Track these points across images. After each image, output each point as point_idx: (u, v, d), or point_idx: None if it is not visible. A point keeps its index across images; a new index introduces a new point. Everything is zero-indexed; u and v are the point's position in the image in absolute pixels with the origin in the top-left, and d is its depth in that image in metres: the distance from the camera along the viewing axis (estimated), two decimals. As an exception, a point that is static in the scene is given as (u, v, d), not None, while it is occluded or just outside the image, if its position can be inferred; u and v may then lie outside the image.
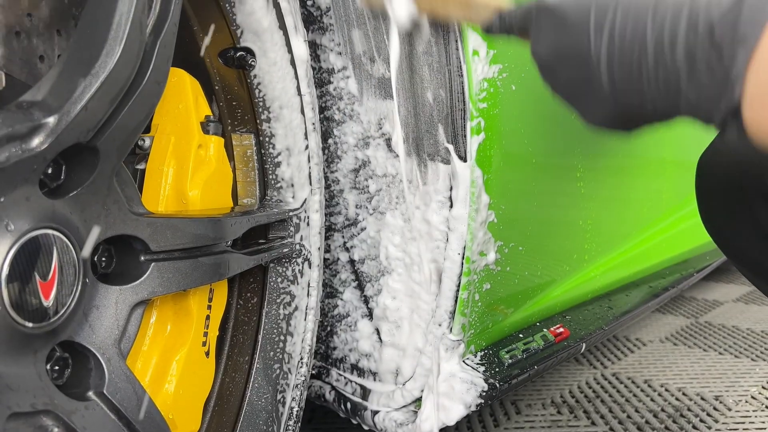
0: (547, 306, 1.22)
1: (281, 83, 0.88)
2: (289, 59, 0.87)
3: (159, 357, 0.78)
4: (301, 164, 0.92)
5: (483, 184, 0.93)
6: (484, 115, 0.91)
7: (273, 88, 0.87)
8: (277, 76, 0.87)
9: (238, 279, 0.93)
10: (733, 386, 1.60)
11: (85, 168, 0.61)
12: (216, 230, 0.78)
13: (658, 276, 1.72)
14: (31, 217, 0.56)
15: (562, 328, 1.18)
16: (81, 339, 0.64)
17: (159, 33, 0.63)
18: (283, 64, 0.87)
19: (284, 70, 0.87)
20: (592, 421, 1.40)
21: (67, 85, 0.57)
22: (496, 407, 1.47)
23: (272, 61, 0.86)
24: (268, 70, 0.86)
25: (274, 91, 0.88)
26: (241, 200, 0.92)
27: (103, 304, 0.66)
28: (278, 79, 0.87)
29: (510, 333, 1.13)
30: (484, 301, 1.01)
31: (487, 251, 0.98)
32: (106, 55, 0.58)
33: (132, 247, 0.69)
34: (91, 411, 0.62)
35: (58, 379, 0.62)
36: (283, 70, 0.87)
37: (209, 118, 0.84)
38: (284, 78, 0.88)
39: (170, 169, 0.79)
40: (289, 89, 0.89)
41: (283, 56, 0.86)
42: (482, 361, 1.01)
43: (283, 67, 0.87)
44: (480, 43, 0.89)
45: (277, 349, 0.93)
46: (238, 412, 0.89)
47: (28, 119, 0.54)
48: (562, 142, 1.17)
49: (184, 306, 0.80)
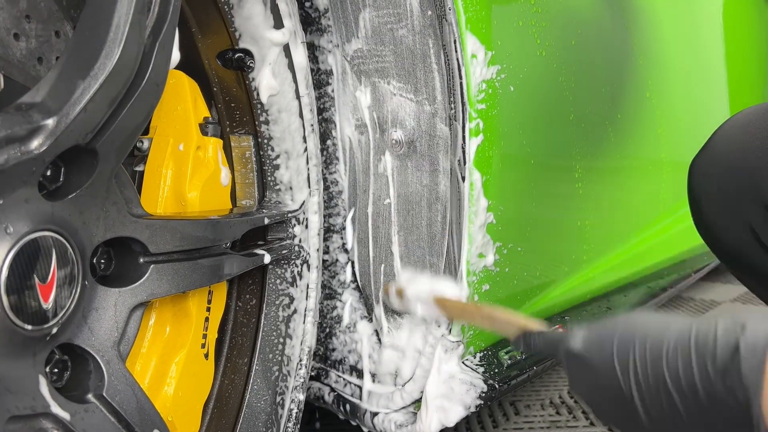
0: (546, 306, 1.22)
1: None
2: (287, 63, 0.87)
3: (158, 359, 0.78)
4: (299, 168, 0.92)
5: (482, 187, 0.93)
6: (482, 116, 0.91)
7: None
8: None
9: (236, 281, 0.93)
10: (732, 386, 1.60)
11: (84, 170, 0.60)
12: (215, 232, 0.77)
13: (657, 276, 1.72)
14: (30, 219, 0.56)
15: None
16: (80, 341, 0.63)
17: (158, 34, 0.63)
18: (281, 69, 0.87)
19: (283, 75, 0.87)
20: (591, 422, 1.40)
21: (66, 86, 0.56)
22: (495, 408, 1.47)
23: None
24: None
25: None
26: (239, 202, 0.92)
27: (102, 306, 0.66)
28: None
29: (509, 334, 1.13)
30: (484, 302, 1.01)
31: (486, 253, 0.98)
32: (105, 56, 0.58)
33: (131, 249, 0.69)
34: (90, 413, 0.61)
35: (58, 381, 0.62)
36: (281, 75, 0.87)
37: (208, 120, 0.84)
38: (283, 82, 0.88)
39: (169, 171, 0.79)
40: (287, 93, 0.89)
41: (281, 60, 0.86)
42: (481, 362, 1.01)
43: (282, 71, 0.87)
44: (478, 46, 0.89)
45: (276, 351, 0.93)
46: (238, 414, 0.89)
47: (27, 121, 0.54)
48: (561, 144, 1.17)
49: (183, 308, 0.80)
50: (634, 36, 1.39)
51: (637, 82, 1.42)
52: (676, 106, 1.64)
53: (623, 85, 1.36)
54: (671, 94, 1.60)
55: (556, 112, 1.13)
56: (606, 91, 1.29)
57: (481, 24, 0.90)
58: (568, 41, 1.14)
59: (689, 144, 1.45)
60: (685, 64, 1.71)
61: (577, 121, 1.19)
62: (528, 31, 1.02)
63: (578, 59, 1.17)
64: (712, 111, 1.93)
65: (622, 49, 1.36)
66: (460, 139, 0.90)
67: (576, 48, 1.16)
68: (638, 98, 1.43)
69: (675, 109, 1.63)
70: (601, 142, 1.28)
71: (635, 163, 1.48)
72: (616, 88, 1.33)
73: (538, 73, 1.06)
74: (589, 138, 1.24)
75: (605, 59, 1.29)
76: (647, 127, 1.48)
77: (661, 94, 1.53)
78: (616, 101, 1.33)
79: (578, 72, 1.17)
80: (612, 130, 1.32)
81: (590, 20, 1.23)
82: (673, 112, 1.62)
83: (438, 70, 0.90)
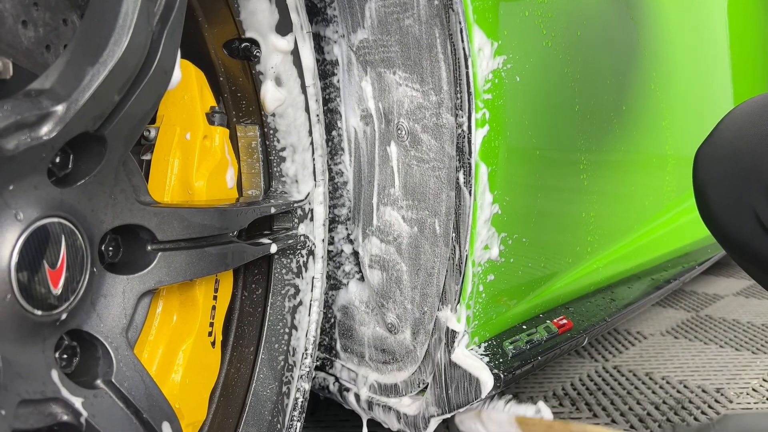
0: (550, 297, 1.22)
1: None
2: (293, 60, 0.88)
3: (165, 347, 0.78)
4: (305, 161, 0.92)
5: (487, 180, 0.93)
6: (488, 106, 0.91)
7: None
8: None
9: (242, 270, 0.93)
10: (734, 379, 1.61)
11: (92, 157, 0.61)
12: (222, 220, 0.78)
13: (660, 269, 1.72)
14: (40, 205, 0.56)
15: (565, 319, 1.19)
16: (89, 328, 0.64)
17: (166, 22, 0.63)
18: (287, 67, 0.87)
19: (288, 72, 0.88)
20: (594, 414, 1.40)
21: (75, 73, 0.57)
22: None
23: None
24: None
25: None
26: (245, 191, 0.92)
27: (110, 293, 0.66)
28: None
29: (513, 324, 1.13)
30: (488, 293, 1.01)
31: (491, 245, 0.99)
32: (114, 43, 0.58)
33: (139, 236, 0.69)
34: (99, 399, 0.62)
35: (67, 367, 0.62)
36: (287, 72, 0.87)
37: (214, 109, 0.84)
38: (288, 79, 0.88)
39: (176, 160, 0.80)
40: (293, 89, 0.89)
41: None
42: (486, 352, 1.01)
43: (288, 68, 0.87)
44: (485, 36, 0.89)
45: (282, 341, 0.94)
46: (244, 402, 0.90)
47: (36, 108, 0.54)
48: (566, 135, 1.17)
49: (191, 296, 0.81)
50: (639, 28, 1.39)
51: (642, 73, 1.42)
52: (681, 98, 1.64)
53: (628, 76, 1.36)
54: (676, 86, 1.59)
55: (562, 103, 1.13)
56: (611, 82, 1.29)
57: (488, 14, 0.89)
58: (574, 32, 1.14)
59: (693, 136, 1.45)
60: (690, 57, 1.71)
61: (582, 113, 1.19)
62: (534, 21, 1.01)
63: (584, 50, 1.17)
64: (716, 103, 1.93)
65: (627, 40, 1.35)
66: (466, 130, 0.90)
67: (581, 39, 1.16)
68: (643, 90, 1.42)
69: (679, 101, 1.63)
70: (605, 134, 1.28)
71: (640, 155, 1.48)
72: (621, 79, 1.33)
73: (543, 64, 1.05)
74: (594, 129, 1.24)
75: (610, 51, 1.29)
76: (652, 118, 1.47)
77: (665, 86, 1.53)
78: (620, 93, 1.33)
79: (583, 63, 1.17)
80: (617, 122, 1.32)
81: (596, 12, 1.22)
82: (677, 104, 1.61)
83: (444, 60, 0.90)
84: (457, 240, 0.95)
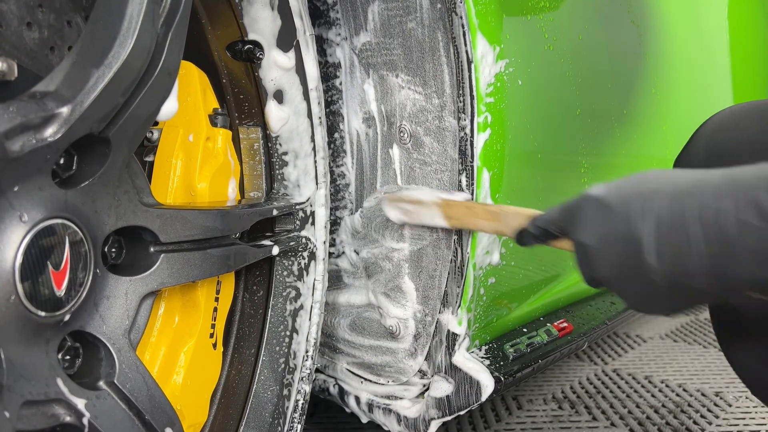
0: (550, 301, 1.22)
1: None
2: (295, 67, 0.88)
3: (167, 348, 0.78)
4: (307, 167, 0.92)
5: (489, 183, 0.93)
6: (491, 110, 0.91)
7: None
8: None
9: (244, 272, 0.93)
10: (733, 382, 1.61)
11: (96, 159, 0.61)
12: (225, 222, 0.78)
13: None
14: (44, 206, 0.56)
15: (566, 322, 1.19)
16: (92, 329, 0.64)
17: (171, 24, 0.63)
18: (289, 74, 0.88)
19: (290, 80, 0.88)
20: (594, 417, 1.40)
21: (80, 75, 0.57)
22: (498, 402, 1.48)
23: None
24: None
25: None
26: (247, 193, 0.92)
27: (113, 294, 0.67)
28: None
29: (514, 327, 1.14)
30: (489, 296, 1.01)
31: (492, 248, 0.99)
32: (119, 45, 0.58)
33: (142, 238, 0.69)
34: (102, 400, 0.62)
35: (70, 368, 0.62)
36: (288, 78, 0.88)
37: (217, 111, 0.84)
38: (291, 85, 0.88)
39: (179, 162, 0.80)
40: (295, 97, 0.89)
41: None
42: (487, 355, 1.02)
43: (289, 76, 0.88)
44: (487, 41, 0.90)
45: (283, 344, 0.94)
46: (245, 404, 0.90)
47: (41, 109, 0.54)
48: (567, 139, 1.17)
49: (192, 298, 0.81)
50: (641, 32, 1.39)
51: (643, 77, 1.42)
52: (681, 103, 1.64)
53: (629, 80, 1.36)
54: (677, 90, 1.60)
55: (563, 107, 1.13)
56: (612, 86, 1.29)
57: (491, 18, 0.90)
58: (575, 36, 1.14)
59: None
60: (691, 61, 1.71)
61: (584, 117, 1.19)
62: (536, 25, 1.02)
63: (585, 54, 1.18)
64: (716, 107, 1.93)
65: (628, 44, 1.36)
66: (468, 133, 0.90)
67: (583, 43, 1.16)
68: (644, 94, 1.43)
69: (680, 105, 1.63)
70: (607, 138, 1.28)
71: (641, 158, 1.49)
72: (622, 83, 1.34)
73: (545, 68, 1.06)
74: (595, 133, 1.24)
75: (612, 55, 1.29)
76: (653, 122, 1.48)
77: (666, 90, 1.53)
78: (622, 97, 1.34)
79: (585, 67, 1.17)
80: (618, 126, 1.32)
81: (597, 16, 1.23)
82: (678, 108, 1.62)
83: (447, 63, 0.90)
84: (459, 243, 0.95)
